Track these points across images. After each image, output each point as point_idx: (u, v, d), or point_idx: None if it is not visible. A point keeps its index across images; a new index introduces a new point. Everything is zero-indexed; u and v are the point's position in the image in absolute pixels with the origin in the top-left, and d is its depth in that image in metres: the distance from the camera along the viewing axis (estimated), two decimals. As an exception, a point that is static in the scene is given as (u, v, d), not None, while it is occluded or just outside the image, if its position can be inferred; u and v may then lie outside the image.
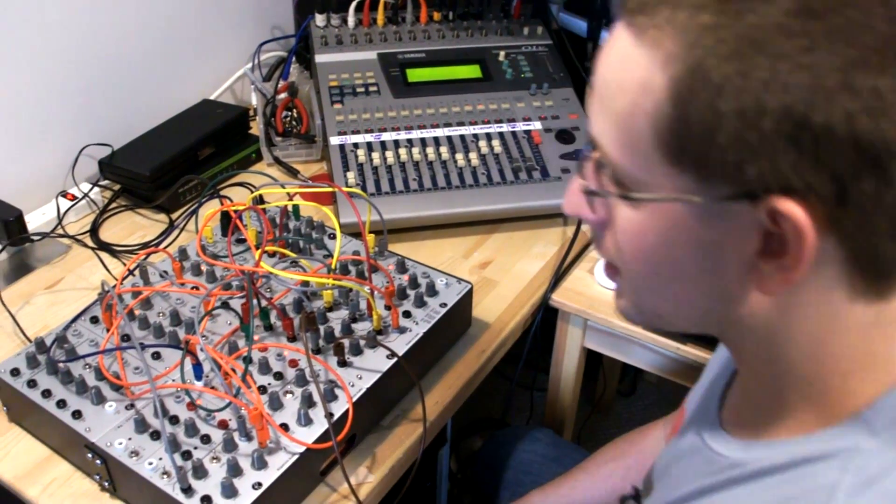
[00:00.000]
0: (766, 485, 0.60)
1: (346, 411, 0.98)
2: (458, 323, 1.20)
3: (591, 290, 1.32)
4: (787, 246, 0.52)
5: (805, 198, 0.50)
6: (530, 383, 1.84)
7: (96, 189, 1.51)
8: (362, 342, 1.06)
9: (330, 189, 1.26)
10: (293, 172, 1.60)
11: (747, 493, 0.61)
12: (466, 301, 1.19)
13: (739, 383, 0.73)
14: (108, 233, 1.46)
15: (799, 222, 0.50)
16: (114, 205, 1.52)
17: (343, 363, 1.04)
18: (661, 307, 0.65)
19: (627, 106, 0.54)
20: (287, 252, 1.20)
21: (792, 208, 0.50)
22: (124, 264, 1.36)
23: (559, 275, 1.34)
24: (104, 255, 1.37)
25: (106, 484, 0.98)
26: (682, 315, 0.65)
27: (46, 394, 1.00)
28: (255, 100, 1.74)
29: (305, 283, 1.12)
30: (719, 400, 0.75)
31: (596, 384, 2.13)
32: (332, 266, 1.11)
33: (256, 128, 1.67)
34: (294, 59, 1.72)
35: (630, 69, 0.54)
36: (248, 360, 1.01)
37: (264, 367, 1.03)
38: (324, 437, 0.95)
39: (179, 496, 0.88)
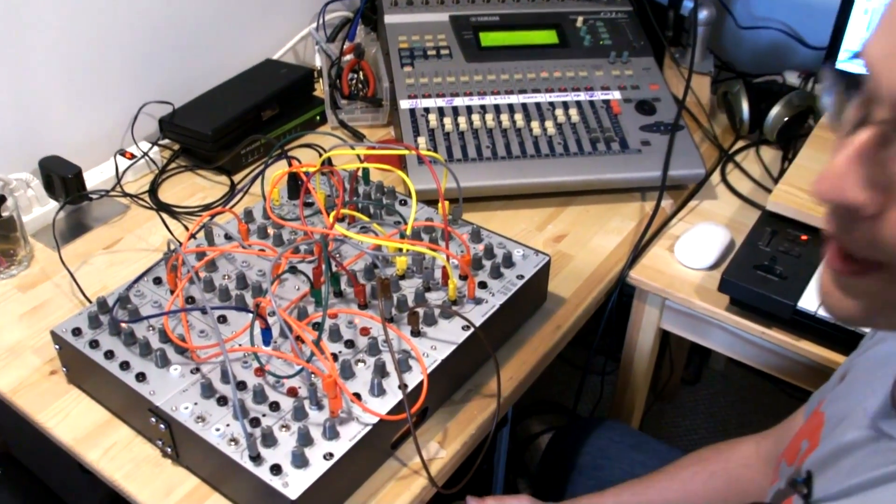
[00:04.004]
0: None
1: (421, 383, 0.93)
2: (533, 296, 1.15)
3: (671, 269, 1.25)
4: None
5: None
6: (600, 368, 1.78)
7: (155, 148, 1.46)
8: (437, 312, 1.01)
9: (406, 151, 1.20)
10: (359, 136, 1.54)
11: None
12: (543, 274, 1.13)
13: None
14: (167, 193, 1.41)
15: None
16: (173, 165, 1.48)
17: (417, 333, 0.99)
18: None
19: None
20: (360, 215, 1.14)
21: None
22: (185, 226, 1.31)
23: (637, 251, 1.28)
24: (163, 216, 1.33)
25: (168, 450, 0.95)
26: None
27: (109, 355, 0.97)
28: (318, 61, 1.69)
29: (378, 249, 1.07)
30: (891, 395, 0.70)
31: (660, 371, 2.05)
32: (407, 232, 1.06)
33: (321, 89, 1.62)
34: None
35: None
36: (321, 326, 0.96)
37: (335, 334, 0.98)
38: (397, 409, 0.91)
39: (248, 464, 0.84)
